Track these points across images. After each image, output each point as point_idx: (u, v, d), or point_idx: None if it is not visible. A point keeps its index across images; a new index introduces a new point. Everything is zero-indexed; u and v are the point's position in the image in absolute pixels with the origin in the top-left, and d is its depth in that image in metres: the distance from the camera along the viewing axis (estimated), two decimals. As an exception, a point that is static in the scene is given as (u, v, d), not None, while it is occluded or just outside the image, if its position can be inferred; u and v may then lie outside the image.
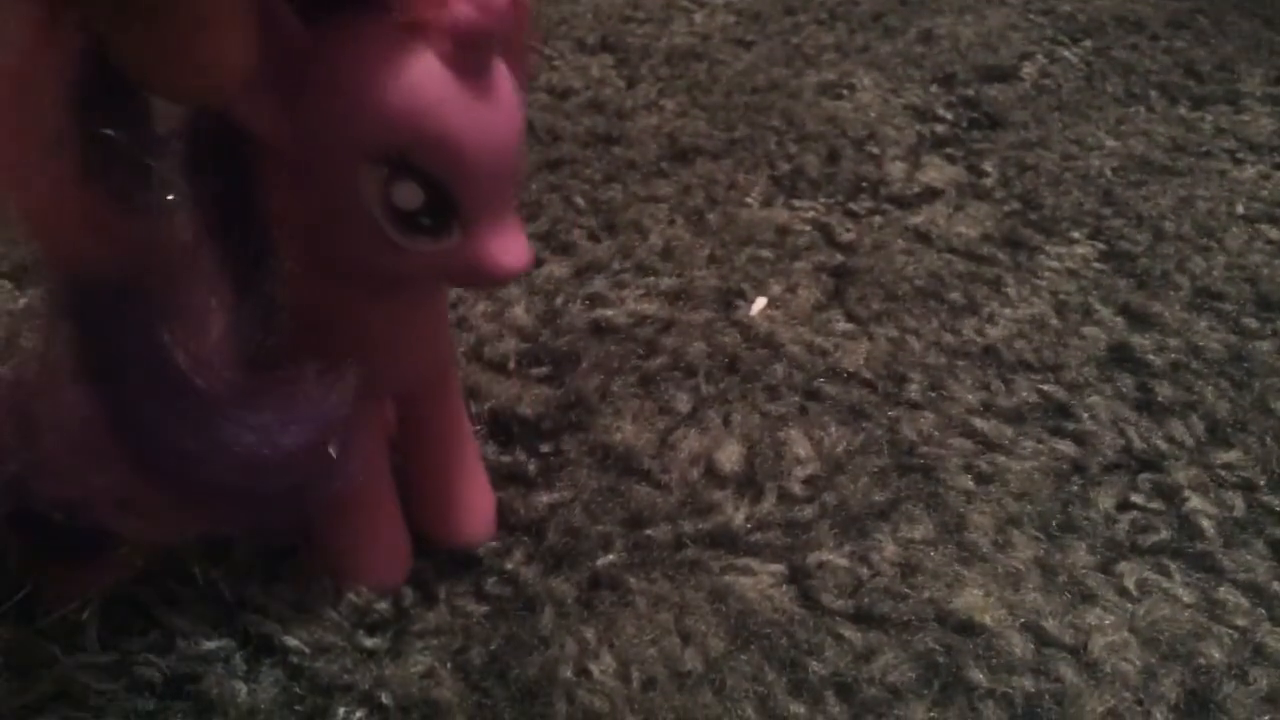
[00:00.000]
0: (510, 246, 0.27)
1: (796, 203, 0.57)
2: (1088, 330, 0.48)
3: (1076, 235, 0.55)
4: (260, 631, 0.33)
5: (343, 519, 0.33)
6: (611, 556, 0.37)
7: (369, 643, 0.34)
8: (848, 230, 0.55)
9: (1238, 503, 0.40)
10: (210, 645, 0.32)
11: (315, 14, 0.24)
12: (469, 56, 0.24)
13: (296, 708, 0.32)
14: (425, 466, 0.36)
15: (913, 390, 0.45)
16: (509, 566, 0.36)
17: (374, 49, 0.24)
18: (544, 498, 0.39)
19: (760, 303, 0.49)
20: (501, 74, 0.26)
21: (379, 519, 0.35)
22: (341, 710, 0.32)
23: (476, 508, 0.37)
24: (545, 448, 0.41)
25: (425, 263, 0.26)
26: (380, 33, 0.24)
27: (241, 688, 0.32)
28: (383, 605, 0.35)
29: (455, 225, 0.26)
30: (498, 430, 0.42)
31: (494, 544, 0.37)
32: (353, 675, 0.33)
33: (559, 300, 0.48)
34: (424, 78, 0.24)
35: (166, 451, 0.25)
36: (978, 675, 0.34)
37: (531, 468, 0.40)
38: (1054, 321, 0.49)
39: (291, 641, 0.33)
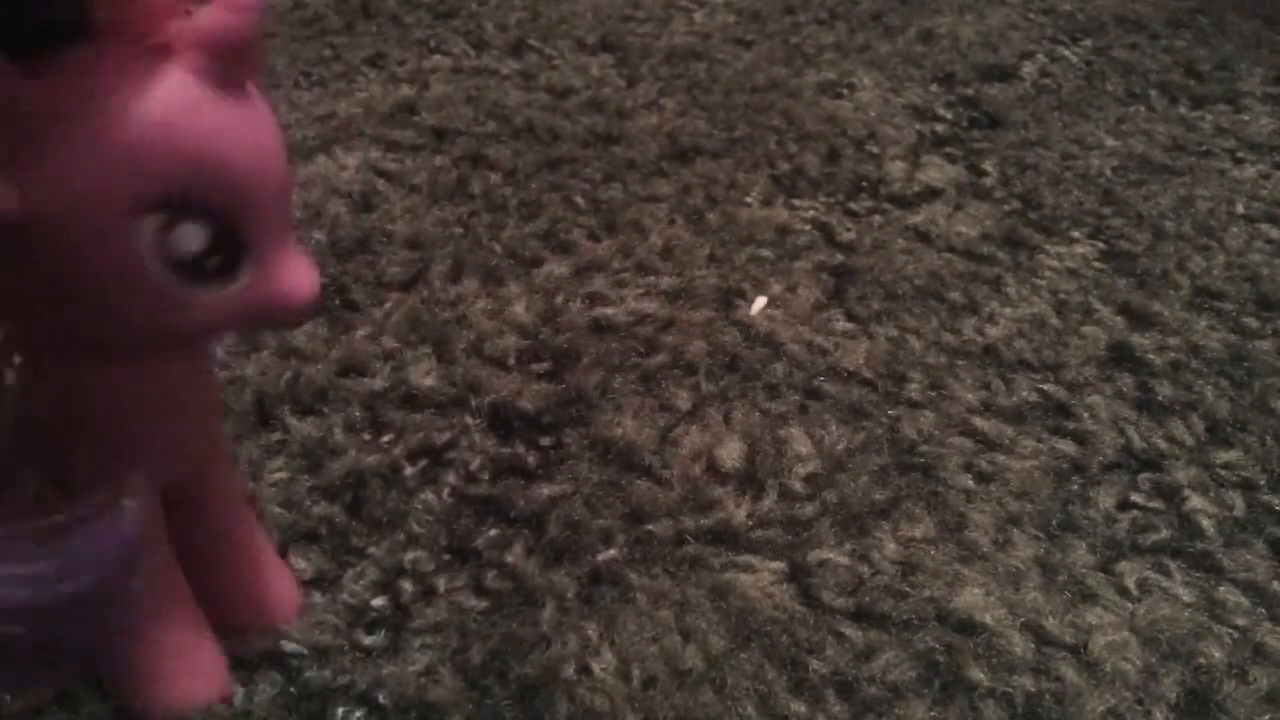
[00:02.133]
0: (302, 275, 0.23)
1: (796, 202, 0.57)
2: (1088, 330, 0.48)
3: (1076, 235, 0.55)
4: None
5: (143, 641, 0.29)
6: (612, 551, 0.37)
7: (367, 641, 0.34)
8: (848, 230, 0.55)
9: (1238, 502, 0.40)
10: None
11: (24, 56, 0.19)
12: (227, 69, 0.21)
13: (294, 710, 0.32)
14: (214, 551, 0.32)
15: (913, 389, 0.45)
16: (509, 559, 0.36)
17: (118, 83, 0.20)
18: (544, 490, 0.39)
19: (760, 302, 0.49)
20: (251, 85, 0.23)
21: (185, 630, 0.31)
22: (340, 710, 0.32)
23: (282, 583, 0.34)
24: (545, 441, 0.41)
25: (213, 313, 0.23)
26: (119, 62, 0.20)
27: (238, 690, 0.32)
28: (381, 601, 0.35)
29: (244, 262, 0.22)
30: (497, 424, 0.42)
31: (493, 535, 0.37)
32: (350, 675, 0.33)
33: (559, 299, 0.48)
34: (186, 102, 0.20)
35: None
36: (978, 674, 0.34)
37: (531, 460, 0.40)
38: (1054, 321, 0.49)
39: (289, 646, 0.33)
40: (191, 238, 0.21)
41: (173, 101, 0.20)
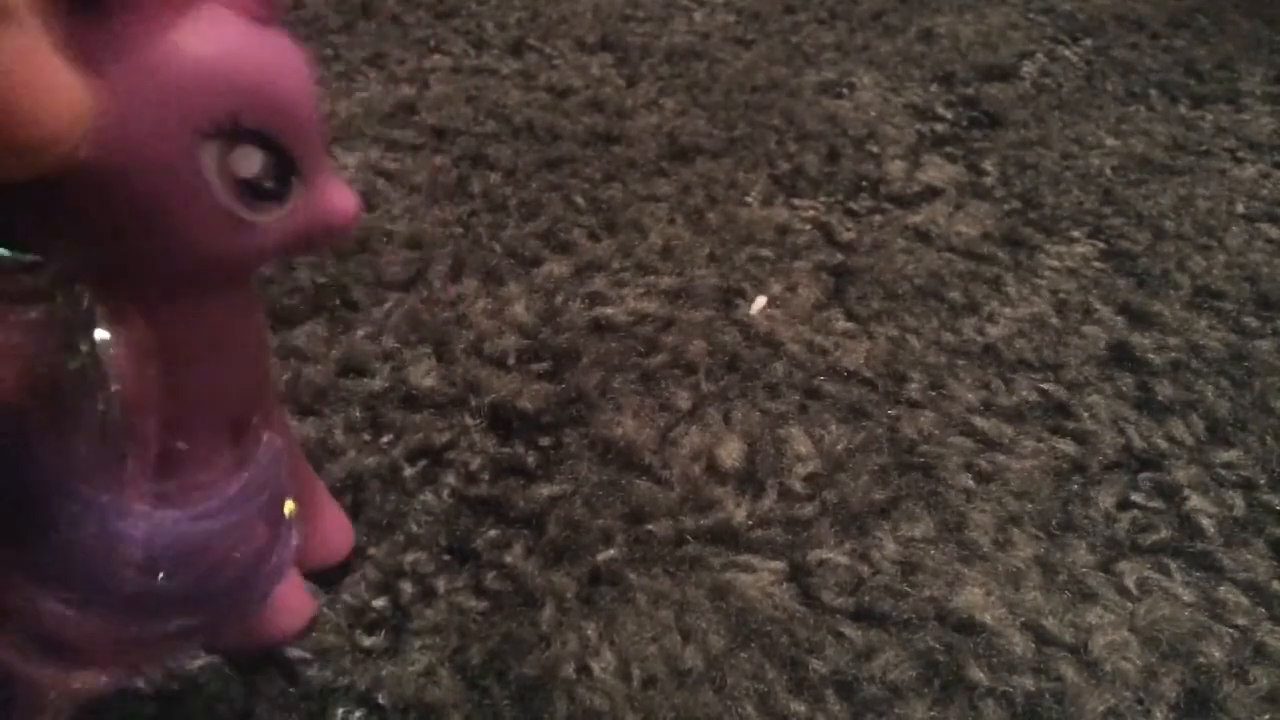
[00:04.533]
0: (345, 192, 0.26)
1: (796, 202, 0.57)
2: (1088, 329, 0.48)
3: (1076, 234, 0.55)
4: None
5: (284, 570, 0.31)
6: (612, 551, 0.37)
7: (367, 641, 0.34)
8: (848, 229, 0.55)
9: (1238, 502, 0.40)
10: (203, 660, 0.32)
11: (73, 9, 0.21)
12: (263, 5, 0.23)
13: (294, 710, 0.32)
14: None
15: (913, 389, 0.45)
16: (508, 560, 0.36)
17: (168, 23, 0.22)
18: (544, 490, 0.39)
19: (760, 301, 0.49)
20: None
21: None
22: (340, 711, 0.32)
23: (337, 517, 0.36)
24: (545, 441, 0.41)
25: (272, 234, 0.24)
26: (162, 6, 0.22)
27: (238, 690, 0.32)
28: (381, 603, 0.35)
29: (295, 183, 0.24)
30: (497, 423, 0.42)
31: (493, 535, 0.37)
32: (350, 675, 0.33)
33: (559, 298, 0.48)
34: (231, 34, 0.23)
35: (110, 579, 0.23)
36: (978, 674, 0.34)
37: (531, 460, 0.40)
38: (1054, 320, 0.49)
39: (293, 652, 0.33)
40: (250, 160, 0.23)
41: (220, 35, 0.22)
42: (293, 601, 0.33)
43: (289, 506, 0.29)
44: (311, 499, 0.34)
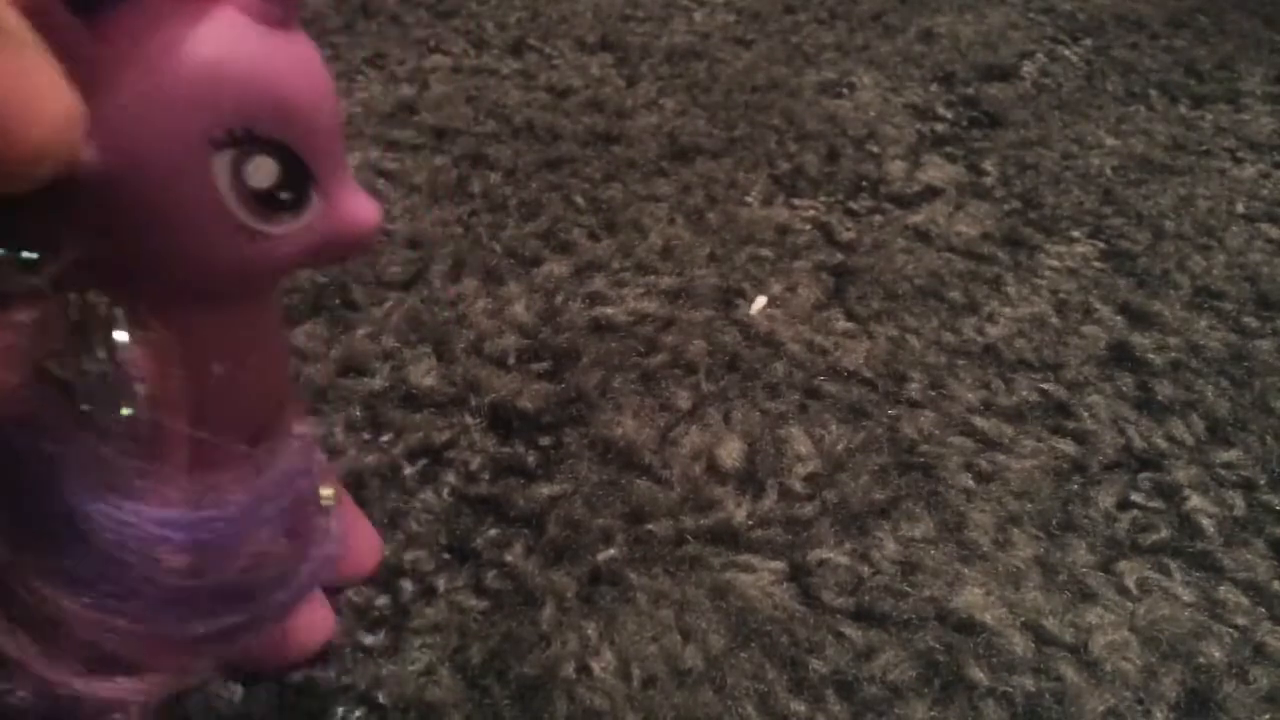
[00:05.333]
0: (364, 202, 0.25)
1: (796, 201, 0.57)
2: (1088, 329, 0.48)
3: (1076, 234, 0.55)
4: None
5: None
6: (612, 551, 0.37)
7: (368, 640, 0.34)
8: (848, 229, 0.55)
9: (1238, 502, 0.40)
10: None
11: (85, 8, 0.20)
12: (279, 7, 0.22)
13: (294, 710, 0.32)
14: None
15: (913, 389, 0.45)
16: (509, 559, 0.36)
17: (176, 27, 0.21)
18: (544, 489, 0.39)
19: (760, 301, 0.49)
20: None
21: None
22: (340, 710, 0.32)
23: (364, 528, 0.36)
24: (545, 440, 0.41)
25: (289, 245, 0.24)
26: (174, 8, 0.21)
27: (238, 689, 0.32)
28: (382, 601, 0.35)
29: (313, 192, 0.23)
30: (497, 423, 0.42)
31: (493, 535, 0.37)
32: (351, 675, 0.33)
33: (559, 298, 0.48)
34: (245, 39, 0.21)
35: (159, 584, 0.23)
36: (978, 674, 0.34)
37: (531, 459, 0.40)
38: (1054, 320, 0.49)
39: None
40: (265, 170, 0.22)
41: (232, 40, 0.21)
42: (313, 617, 0.33)
43: (327, 493, 0.28)
44: (342, 507, 0.33)
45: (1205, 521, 0.39)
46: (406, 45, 0.69)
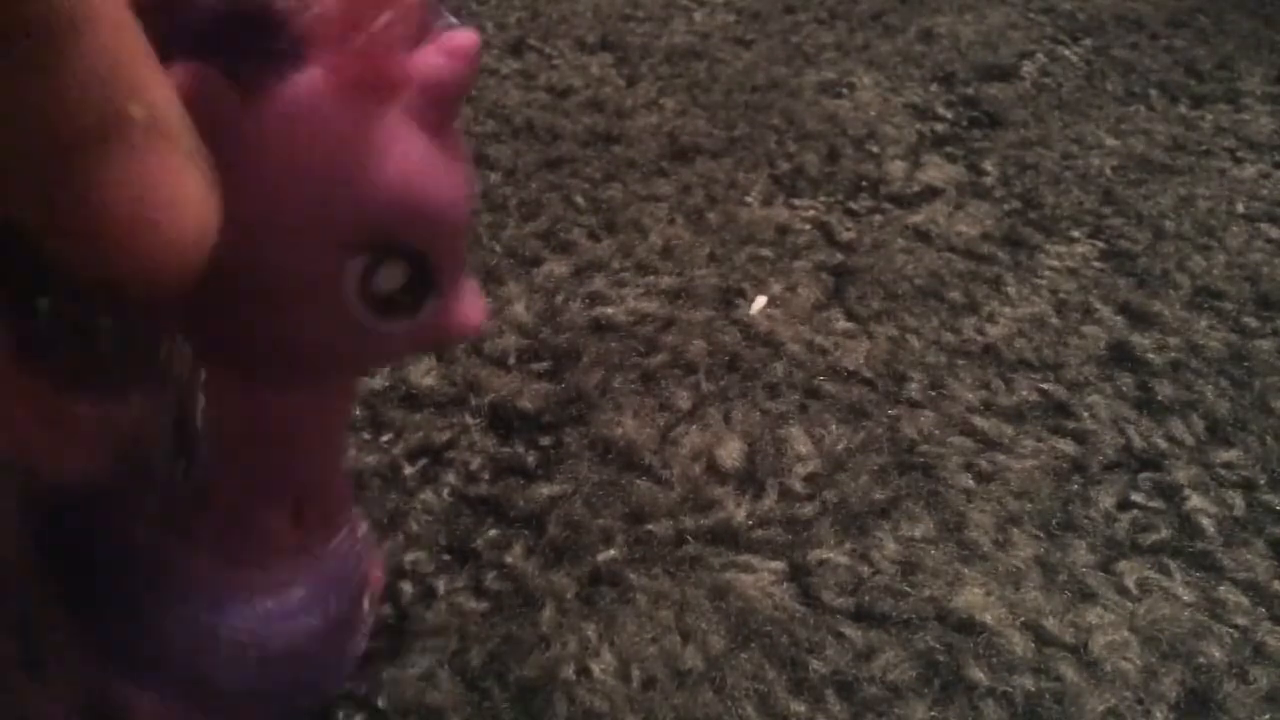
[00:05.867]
0: (475, 302, 0.24)
1: (796, 201, 0.57)
2: (1088, 329, 0.48)
3: (1076, 234, 0.55)
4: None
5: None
6: (612, 551, 0.37)
7: (367, 644, 0.34)
8: (848, 229, 0.55)
9: (1238, 501, 0.40)
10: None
11: (243, 78, 0.19)
12: (440, 113, 0.20)
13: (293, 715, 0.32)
14: None
15: (913, 389, 0.45)
16: (509, 560, 0.36)
17: (335, 120, 0.19)
18: (544, 490, 0.39)
19: (760, 301, 0.49)
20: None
21: None
22: (340, 714, 0.32)
23: (377, 569, 0.35)
24: (545, 440, 0.41)
25: (395, 343, 0.23)
26: (337, 98, 0.19)
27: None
28: (383, 606, 0.35)
29: (432, 297, 0.22)
30: (497, 423, 0.42)
31: (493, 535, 0.37)
32: (351, 679, 0.33)
33: (559, 298, 0.48)
34: (408, 147, 0.20)
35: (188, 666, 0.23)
36: (978, 674, 0.34)
37: (531, 460, 0.40)
38: (1054, 320, 0.49)
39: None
40: (394, 276, 0.21)
41: (395, 146, 0.20)
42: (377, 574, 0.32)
43: (370, 595, 0.28)
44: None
45: (1205, 521, 0.39)
46: (406, 45, 0.69)
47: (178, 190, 0.15)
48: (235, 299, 0.20)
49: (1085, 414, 0.44)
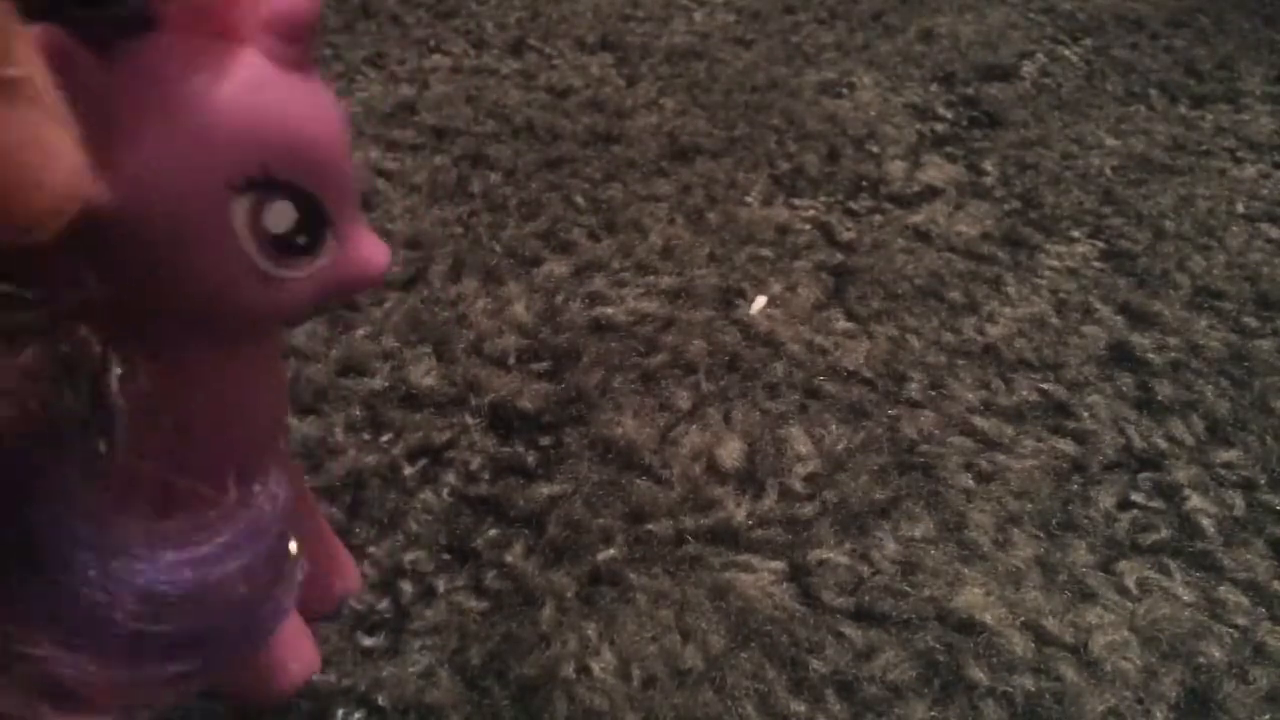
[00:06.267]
0: (376, 245, 0.24)
1: (796, 201, 0.57)
2: (1088, 329, 0.48)
3: (1076, 234, 0.55)
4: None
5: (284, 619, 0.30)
6: (612, 551, 0.37)
7: (367, 642, 0.34)
8: (848, 229, 0.55)
9: (1238, 501, 0.40)
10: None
11: (102, 47, 0.20)
12: (295, 49, 0.22)
13: (294, 712, 0.32)
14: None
15: (913, 389, 0.45)
16: (509, 559, 0.36)
17: (195, 70, 0.20)
18: (544, 489, 0.39)
19: (760, 301, 0.49)
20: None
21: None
22: (340, 712, 0.32)
23: (343, 558, 0.35)
24: (545, 440, 0.41)
25: (301, 289, 0.23)
26: (193, 49, 0.21)
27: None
28: (382, 604, 0.35)
29: (328, 236, 0.23)
30: (497, 423, 0.42)
31: (493, 535, 0.37)
32: (351, 677, 0.33)
33: (559, 298, 0.48)
34: (266, 83, 0.21)
35: (97, 620, 0.22)
36: (978, 674, 0.34)
37: (531, 459, 0.40)
38: (1054, 320, 0.49)
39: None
40: (282, 215, 0.22)
41: (254, 83, 0.21)
42: (299, 651, 0.32)
43: (293, 547, 0.28)
44: (315, 541, 0.33)
45: (1205, 521, 0.39)
46: (406, 45, 0.69)
47: (47, 145, 0.16)
48: (135, 255, 0.21)
49: (1085, 414, 0.44)
